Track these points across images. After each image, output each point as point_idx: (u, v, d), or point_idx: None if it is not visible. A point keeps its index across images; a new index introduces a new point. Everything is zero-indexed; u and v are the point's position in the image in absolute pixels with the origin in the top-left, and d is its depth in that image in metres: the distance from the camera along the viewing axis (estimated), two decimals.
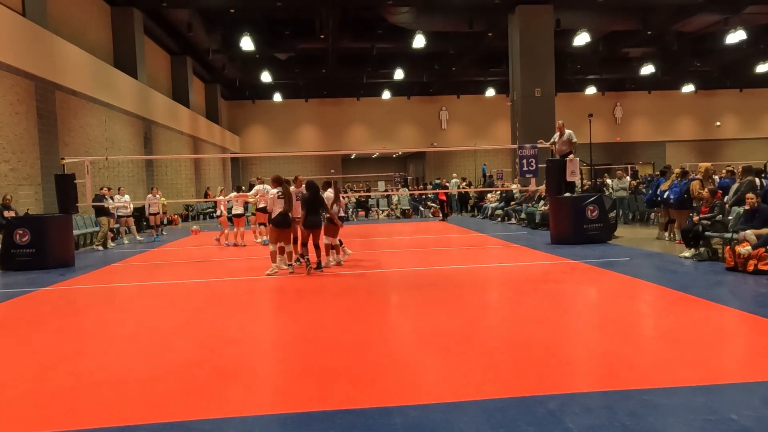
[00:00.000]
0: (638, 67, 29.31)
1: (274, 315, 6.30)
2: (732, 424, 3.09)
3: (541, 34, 20.03)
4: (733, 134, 38.78)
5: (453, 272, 8.57)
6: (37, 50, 13.70)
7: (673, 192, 10.98)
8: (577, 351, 4.59)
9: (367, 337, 5.17)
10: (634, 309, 6.05)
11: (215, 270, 9.90)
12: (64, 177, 11.32)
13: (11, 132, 12.68)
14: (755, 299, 6.17)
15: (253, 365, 4.43)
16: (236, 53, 26.02)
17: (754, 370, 4.00)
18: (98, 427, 3.35)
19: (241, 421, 3.38)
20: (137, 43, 20.49)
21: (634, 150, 37.86)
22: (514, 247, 11.54)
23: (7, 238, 10.50)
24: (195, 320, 6.02)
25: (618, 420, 3.18)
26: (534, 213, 15.55)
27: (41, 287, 8.43)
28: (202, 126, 29.33)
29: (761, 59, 29.88)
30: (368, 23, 23.40)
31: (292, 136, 36.63)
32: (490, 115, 36.49)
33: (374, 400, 3.60)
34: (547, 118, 19.75)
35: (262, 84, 31.58)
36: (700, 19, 22.91)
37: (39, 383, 4.15)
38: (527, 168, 12.45)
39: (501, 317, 5.94)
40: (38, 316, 6.57)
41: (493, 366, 4.20)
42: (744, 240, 7.79)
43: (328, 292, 7.49)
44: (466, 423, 3.22)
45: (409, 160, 43.49)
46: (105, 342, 5.29)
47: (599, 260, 9.18)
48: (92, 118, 16.84)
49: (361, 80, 31.96)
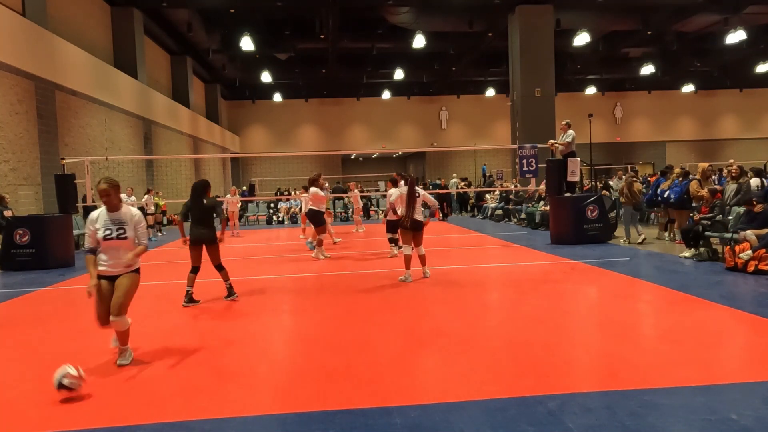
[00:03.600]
0: (638, 67, 29.32)
1: (274, 315, 6.30)
2: (732, 424, 3.09)
3: (541, 34, 20.03)
4: (733, 134, 38.79)
5: (453, 272, 8.56)
6: (37, 50, 13.70)
7: (673, 192, 10.98)
8: (577, 351, 4.59)
9: (367, 337, 5.17)
10: (634, 309, 6.05)
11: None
12: (64, 177, 11.32)
13: (11, 132, 12.68)
14: (755, 299, 6.17)
15: (253, 365, 4.43)
16: (236, 53, 26.03)
17: (754, 370, 4.00)
18: (98, 427, 3.35)
19: (241, 421, 3.38)
20: (137, 43, 20.50)
21: (634, 150, 37.87)
22: (514, 247, 11.54)
23: (7, 238, 10.50)
24: (195, 320, 6.02)
25: (618, 420, 3.18)
26: (534, 213, 15.55)
27: (41, 287, 8.43)
28: (202, 126, 29.33)
29: (761, 59, 29.89)
30: (368, 23, 23.40)
31: (292, 136, 36.63)
32: (490, 115, 36.50)
33: (374, 400, 3.60)
34: (547, 118, 19.77)
35: (262, 84, 31.59)
36: (700, 19, 22.91)
37: (39, 383, 4.15)
38: (527, 168, 12.46)
39: (501, 317, 5.94)
40: (38, 316, 6.57)
41: (494, 366, 4.20)
42: (744, 240, 7.78)
43: (328, 292, 7.49)
44: (466, 423, 3.22)
45: (409, 160, 43.50)
46: (105, 342, 5.28)
47: (599, 260, 9.18)
48: (92, 118, 16.83)
49: (361, 80, 31.97)
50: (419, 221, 7.99)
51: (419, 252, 8.16)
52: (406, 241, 8.06)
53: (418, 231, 8.05)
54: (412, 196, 7.92)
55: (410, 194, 7.92)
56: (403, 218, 7.99)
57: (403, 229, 8.06)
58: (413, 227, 7.97)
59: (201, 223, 6.67)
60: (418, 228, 8.01)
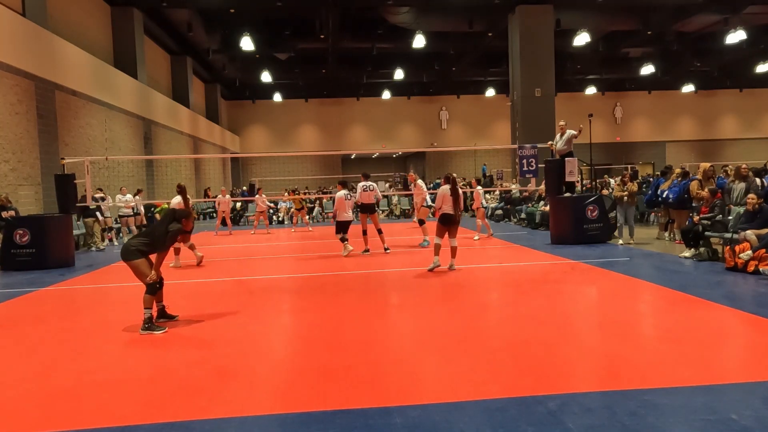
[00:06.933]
0: (638, 67, 29.31)
1: (274, 315, 6.30)
2: (732, 424, 3.09)
3: (541, 34, 20.02)
4: (733, 134, 38.79)
5: (453, 272, 8.56)
6: (37, 50, 13.70)
7: (672, 192, 10.98)
8: (577, 351, 4.59)
9: (367, 337, 5.17)
10: (634, 309, 6.05)
11: (214, 270, 9.89)
12: (64, 177, 11.31)
13: (11, 132, 12.67)
14: (755, 299, 6.17)
15: (253, 365, 4.43)
16: (236, 53, 26.02)
17: (754, 370, 4.00)
18: (98, 427, 3.35)
19: (241, 421, 3.38)
20: (137, 43, 20.49)
21: (634, 150, 37.86)
22: (514, 247, 11.54)
23: (7, 238, 10.50)
24: (195, 320, 6.01)
25: (618, 420, 3.18)
26: (534, 213, 15.55)
27: (41, 287, 8.43)
28: (202, 126, 29.33)
29: (761, 59, 29.89)
30: (368, 23, 23.39)
31: (292, 136, 36.63)
32: (490, 115, 36.49)
33: (374, 400, 3.60)
34: (547, 118, 19.76)
35: (262, 84, 31.58)
36: (700, 19, 22.91)
37: (39, 383, 4.15)
38: (527, 168, 12.46)
39: (501, 317, 5.94)
40: (38, 316, 6.57)
41: (493, 366, 4.20)
42: (744, 240, 7.78)
43: (328, 292, 7.49)
44: (466, 423, 3.22)
45: (409, 160, 43.47)
46: (105, 342, 5.28)
47: (599, 260, 9.18)
48: (92, 118, 16.83)
49: (361, 80, 31.96)
50: (455, 216, 8.65)
51: (452, 244, 8.80)
52: (440, 233, 8.70)
53: (456, 225, 8.73)
54: (456, 194, 8.56)
55: (454, 192, 8.57)
56: (454, 214, 8.61)
57: (442, 223, 8.69)
58: (454, 222, 8.66)
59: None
60: (456, 222, 8.71)
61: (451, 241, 8.79)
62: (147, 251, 5.71)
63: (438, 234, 8.76)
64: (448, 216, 8.63)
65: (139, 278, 5.68)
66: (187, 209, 8.08)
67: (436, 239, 8.80)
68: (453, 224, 8.68)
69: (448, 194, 8.61)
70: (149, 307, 5.57)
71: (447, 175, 9.14)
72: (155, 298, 5.73)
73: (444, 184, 8.97)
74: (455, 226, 8.73)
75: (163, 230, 5.72)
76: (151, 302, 5.62)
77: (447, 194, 8.63)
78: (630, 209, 11.27)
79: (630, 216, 11.28)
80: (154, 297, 5.66)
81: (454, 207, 8.57)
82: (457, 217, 8.66)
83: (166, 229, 5.71)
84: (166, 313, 6.00)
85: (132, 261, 5.63)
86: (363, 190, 11.37)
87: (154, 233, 5.78)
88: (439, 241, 8.75)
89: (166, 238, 5.71)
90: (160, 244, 5.72)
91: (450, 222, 8.64)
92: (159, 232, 5.74)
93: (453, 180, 8.81)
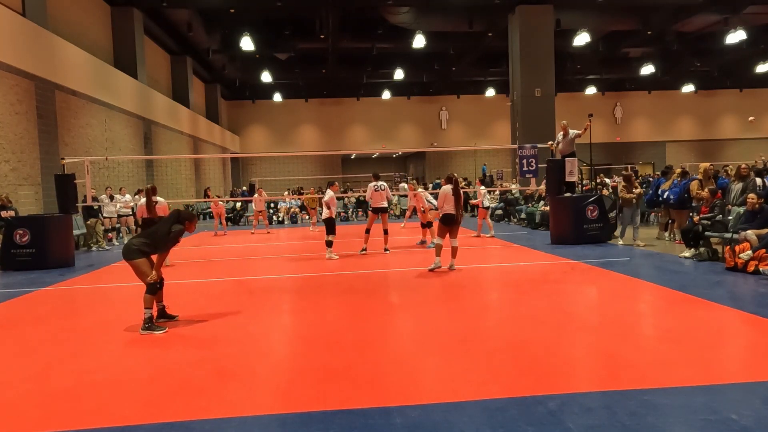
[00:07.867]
0: (638, 67, 29.30)
1: (274, 315, 6.30)
2: (732, 424, 3.09)
3: (541, 34, 20.02)
4: (733, 134, 38.78)
5: (453, 272, 8.56)
6: (37, 50, 13.70)
7: (673, 192, 10.98)
8: (577, 351, 4.59)
9: (367, 337, 5.17)
10: (634, 309, 6.05)
11: (214, 270, 9.90)
12: (64, 177, 11.31)
13: (11, 132, 12.67)
14: (755, 299, 6.17)
15: (253, 365, 4.43)
16: (236, 53, 26.01)
17: (754, 370, 4.00)
18: (98, 427, 3.35)
19: (241, 421, 3.38)
20: (137, 43, 20.48)
21: (634, 150, 37.84)
22: (514, 247, 11.54)
23: (7, 238, 10.50)
24: (195, 320, 6.01)
25: (618, 420, 3.18)
26: (534, 213, 15.55)
27: (41, 287, 8.43)
28: (202, 126, 29.31)
29: (761, 59, 29.87)
30: (368, 23, 23.38)
31: (292, 136, 36.62)
32: (490, 115, 36.47)
33: (374, 400, 3.60)
34: (547, 118, 19.76)
35: (262, 84, 31.57)
36: (700, 19, 22.90)
37: (39, 383, 4.15)
38: (527, 168, 12.46)
39: (501, 317, 5.94)
40: (38, 316, 6.57)
41: (493, 366, 4.20)
42: (744, 240, 7.78)
43: (328, 292, 7.49)
44: (466, 423, 3.22)
45: (409, 160, 43.48)
46: (105, 342, 5.28)
47: (599, 260, 9.18)
48: (92, 118, 16.83)
49: (361, 80, 31.94)
50: (457, 216, 8.70)
51: (453, 244, 8.81)
52: (442, 233, 8.77)
53: (457, 225, 8.77)
54: (458, 194, 8.63)
55: (456, 192, 8.64)
56: (455, 214, 8.65)
57: (443, 223, 8.73)
58: (455, 222, 8.69)
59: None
60: (457, 222, 8.75)
61: (452, 241, 8.81)
62: (148, 251, 5.71)
63: (439, 234, 8.83)
64: (450, 216, 8.66)
65: (140, 278, 5.68)
66: (152, 211, 8.10)
67: (437, 239, 8.85)
68: (454, 224, 8.72)
69: (450, 194, 8.67)
70: (149, 307, 5.58)
71: (449, 175, 9.18)
72: (155, 298, 5.73)
73: (445, 184, 9.00)
74: (456, 226, 8.77)
75: (165, 231, 5.72)
76: (152, 302, 5.62)
77: (449, 194, 8.69)
78: (636, 211, 11.25)
79: (636, 217, 11.27)
80: (154, 297, 5.66)
81: (456, 207, 8.62)
82: (458, 218, 8.71)
83: (168, 230, 5.71)
84: (166, 313, 6.01)
85: (133, 260, 5.63)
86: (375, 190, 11.37)
87: (156, 233, 5.77)
88: (440, 241, 8.81)
89: (168, 239, 5.71)
90: (162, 244, 5.73)
91: (451, 222, 8.67)
92: (161, 232, 5.73)
93: (455, 180, 8.85)
